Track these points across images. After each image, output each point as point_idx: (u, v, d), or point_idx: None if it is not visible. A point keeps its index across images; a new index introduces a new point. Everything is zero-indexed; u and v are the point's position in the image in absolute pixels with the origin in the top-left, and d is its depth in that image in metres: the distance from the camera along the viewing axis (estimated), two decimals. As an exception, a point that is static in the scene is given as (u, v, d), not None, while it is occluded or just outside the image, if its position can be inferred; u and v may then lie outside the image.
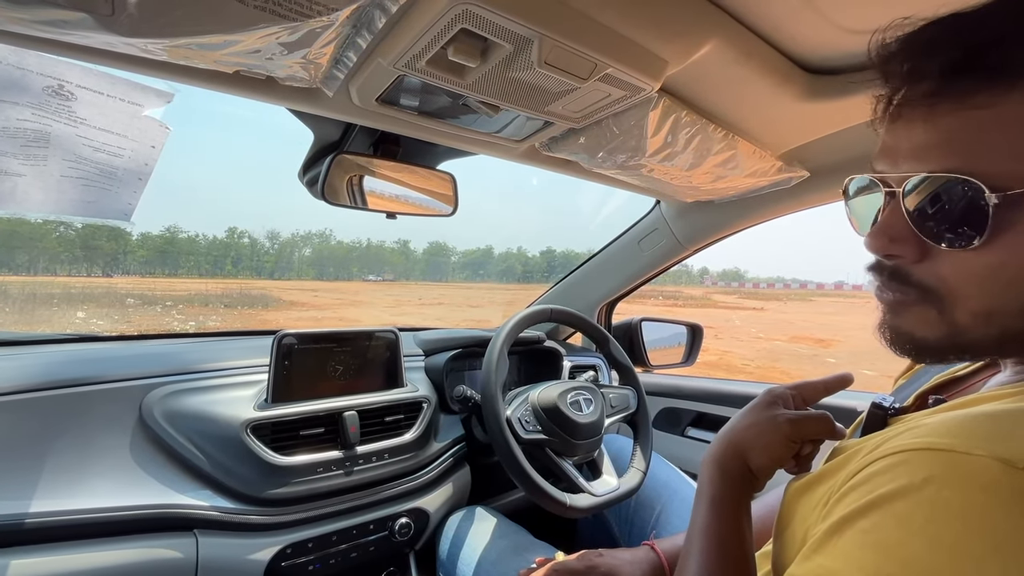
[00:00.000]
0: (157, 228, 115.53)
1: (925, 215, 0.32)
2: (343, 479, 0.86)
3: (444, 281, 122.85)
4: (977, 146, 0.30)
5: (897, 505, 0.26)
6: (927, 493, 0.26)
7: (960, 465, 0.26)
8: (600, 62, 0.56)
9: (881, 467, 0.29)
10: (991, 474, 0.25)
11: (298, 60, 0.53)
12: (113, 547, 0.69)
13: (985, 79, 0.29)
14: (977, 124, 0.30)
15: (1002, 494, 0.24)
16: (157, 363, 0.87)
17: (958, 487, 0.25)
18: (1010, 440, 0.26)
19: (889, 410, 0.41)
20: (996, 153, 0.29)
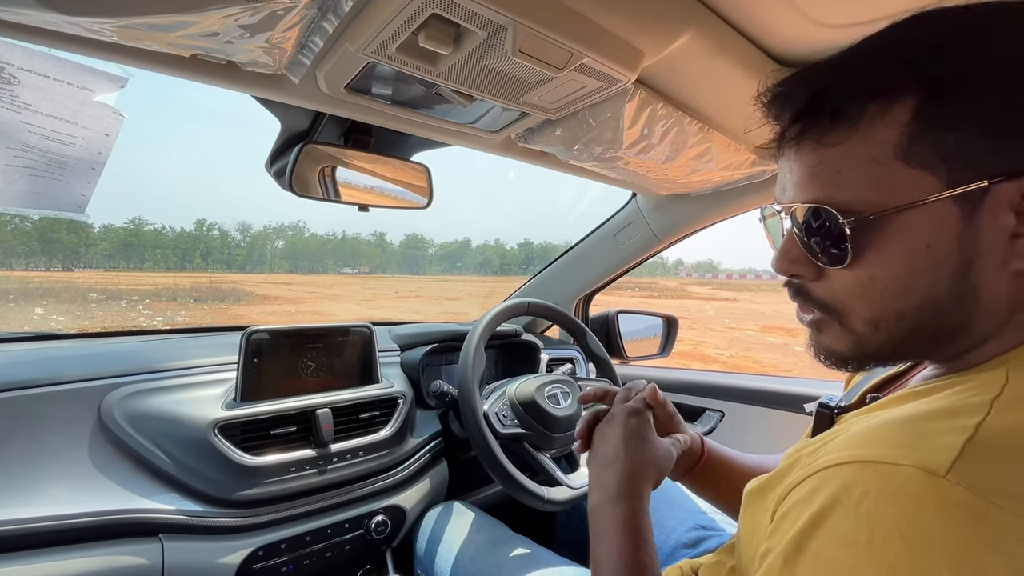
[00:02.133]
0: (121, 220, 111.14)
1: (809, 239, 0.36)
2: (316, 478, 0.84)
3: (421, 274, 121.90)
4: (833, 178, 0.34)
5: (840, 524, 0.28)
6: (864, 508, 0.27)
7: (888, 476, 0.27)
8: (576, 51, 0.55)
9: (818, 482, 0.31)
10: (917, 484, 0.26)
11: (260, 44, 0.50)
12: (72, 555, 0.66)
13: (829, 122, 0.34)
14: (831, 160, 0.34)
15: (930, 503, 0.26)
16: (117, 362, 0.84)
17: (890, 499, 0.27)
18: (927, 447, 0.28)
19: (835, 409, 0.44)
20: (849, 184, 0.34)
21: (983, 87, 0.30)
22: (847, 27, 0.61)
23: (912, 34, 0.33)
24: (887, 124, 0.32)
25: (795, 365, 9.07)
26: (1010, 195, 0.30)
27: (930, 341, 0.35)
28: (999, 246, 0.31)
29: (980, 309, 0.33)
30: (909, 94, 0.31)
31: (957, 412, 0.29)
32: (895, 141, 0.32)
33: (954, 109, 0.30)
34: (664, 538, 0.84)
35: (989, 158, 0.30)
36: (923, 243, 0.32)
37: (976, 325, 0.33)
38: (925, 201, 0.31)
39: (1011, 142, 0.30)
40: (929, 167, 0.31)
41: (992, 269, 0.32)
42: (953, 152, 0.31)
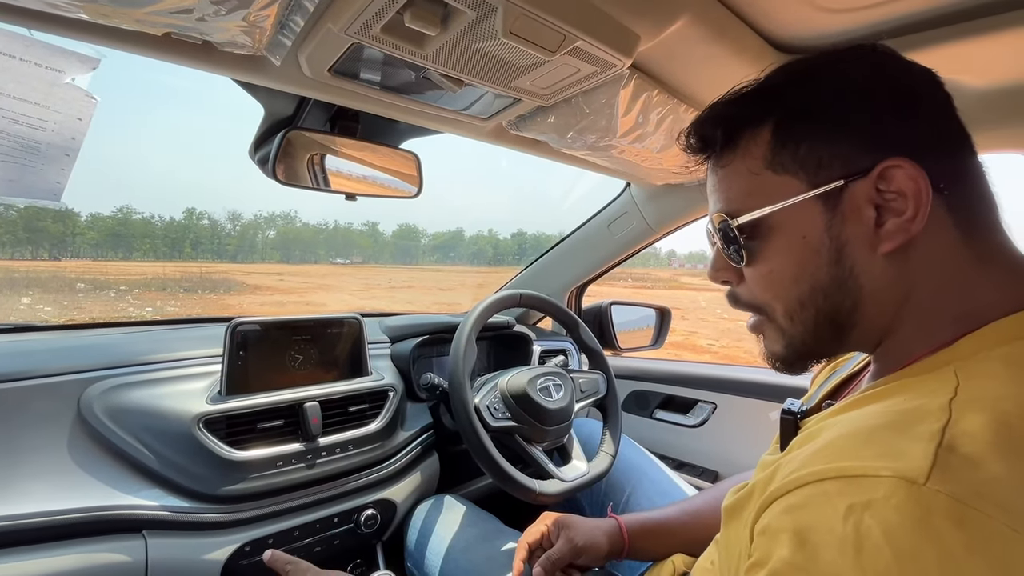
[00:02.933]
0: (108, 209, 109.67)
1: (723, 248, 0.44)
2: (305, 472, 0.82)
3: (414, 264, 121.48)
4: (727, 192, 0.43)
5: (828, 538, 0.28)
6: (851, 522, 0.28)
7: (871, 488, 0.28)
8: (569, 34, 0.53)
9: (799, 498, 0.31)
10: (899, 494, 0.27)
11: (237, 23, 0.47)
12: (52, 553, 0.64)
13: (721, 148, 0.43)
14: (724, 178, 0.43)
15: (914, 513, 0.26)
16: (98, 355, 0.81)
17: (875, 512, 0.27)
18: (903, 456, 0.28)
19: (798, 415, 0.47)
20: (737, 195, 0.42)
21: (818, 112, 0.38)
22: (847, 11, 0.60)
23: (770, 79, 0.42)
24: (757, 144, 0.40)
25: (786, 355, 9.11)
26: (866, 191, 0.36)
27: (834, 327, 0.40)
28: (866, 234, 0.37)
29: (863, 291, 0.38)
30: (769, 119, 0.40)
31: (921, 417, 0.30)
32: (764, 155, 0.40)
33: (797, 128, 0.39)
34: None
35: (838, 163, 0.37)
36: (800, 235, 0.39)
37: (867, 307, 0.38)
38: (794, 200, 0.38)
39: (852, 150, 0.37)
40: (792, 172, 0.39)
41: (863, 253, 0.37)
42: (806, 159, 0.38)
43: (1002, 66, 0.66)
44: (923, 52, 0.62)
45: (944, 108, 0.39)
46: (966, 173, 0.38)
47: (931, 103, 0.38)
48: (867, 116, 0.37)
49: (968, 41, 0.60)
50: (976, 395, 0.31)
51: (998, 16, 0.57)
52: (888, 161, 0.35)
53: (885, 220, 0.36)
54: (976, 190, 0.38)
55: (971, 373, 0.32)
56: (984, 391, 0.31)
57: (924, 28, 0.62)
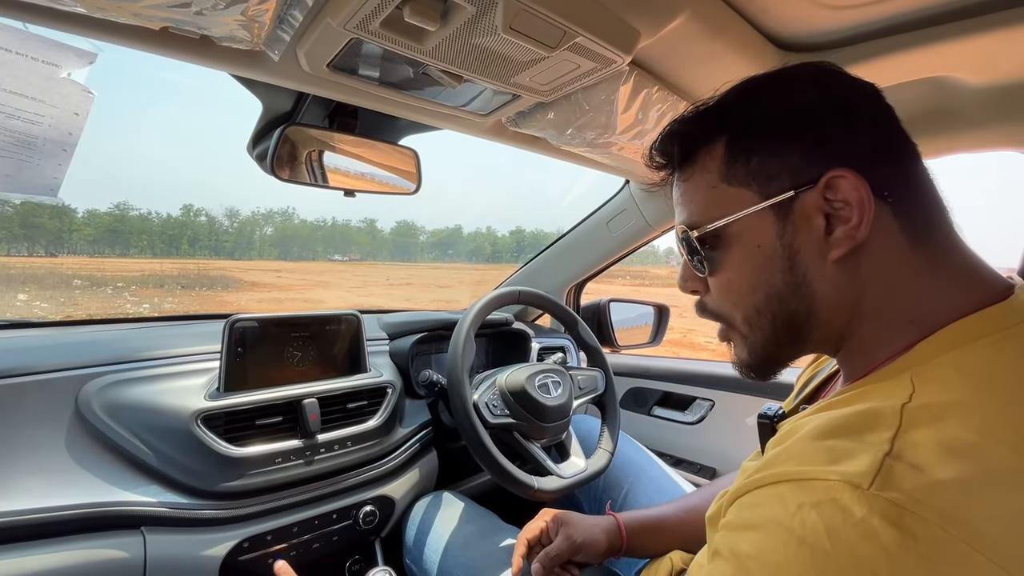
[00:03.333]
0: (105, 205, 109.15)
1: (688, 258, 0.46)
2: (303, 469, 0.82)
3: (412, 261, 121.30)
4: (688, 204, 0.44)
5: (777, 534, 0.31)
6: (799, 518, 0.30)
7: (819, 490, 0.30)
8: (569, 30, 0.52)
9: (758, 497, 0.34)
10: (845, 497, 0.29)
11: (236, 17, 0.47)
12: (50, 549, 0.64)
13: (680, 163, 0.45)
14: (685, 191, 0.45)
15: (855, 513, 0.28)
16: (96, 351, 0.81)
17: (821, 511, 0.29)
18: (852, 461, 0.30)
19: (774, 418, 0.49)
20: (697, 207, 0.43)
21: (768, 125, 0.40)
22: (846, 8, 0.60)
23: (724, 98, 0.44)
24: (712, 158, 0.42)
25: (783, 353, 9.13)
26: (814, 201, 0.38)
27: (792, 331, 0.41)
28: (816, 242, 0.38)
29: (816, 297, 0.39)
30: (723, 134, 0.42)
31: (874, 424, 0.32)
32: (718, 169, 0.42)
33: (748, 142, 0.41)
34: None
35: (787, 174, 0.39)
36: (755, 244, 0.41)
37: (821, 312, 0.40)
38: (748, 211, 0.40)
39: (800, 162, 0.39)
40: (745, 184, 0.40)
41: (815, 260, 0.39)
42: (758, 172, 0.40)
43: (1000, 63, 0.66)
44: (921, 49, 0.62)
45: (886, 120, 0.40)
46: (911, 180, 0.39)
47: (872, 116, 0.40)
48: (812, 130, 0.39)
49: (967, 38, 0.60)
50: (927, 401, 0.32)
51: (997, 14, 0.57)
52: (832, 172, 0.37)
53: (834, 228, 0.38)
54: (923, 196, 0.39)
55: (925, 379, 0.33)
56: (934, 398, 0.32)
57: (922, 25, 0.61)
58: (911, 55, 0.64)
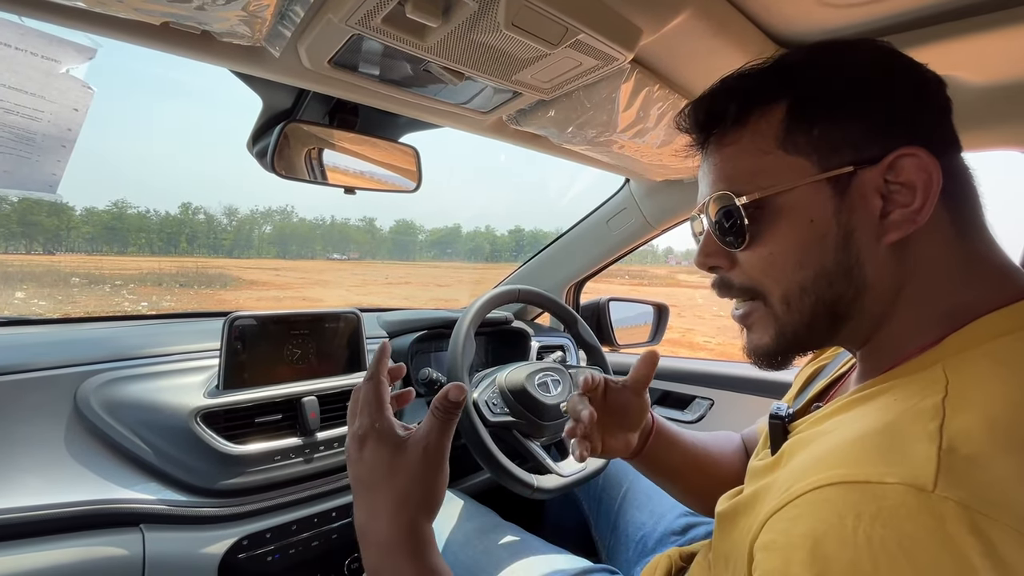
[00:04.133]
0: (103, 203, 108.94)
1: (718, 229, 0.42)
2: (303, 467, 0.82)
3: (411, 260, 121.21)
4: (732, 171, 0.41)
5: (840, 553, 0.27)
6: (862, 533, 0.27)
7: (880, 497, 0.27)
8: (571, 27, 0.52)
9: (803, 508, 0.30)
10: (910, 503, 0.27)
11: (236, 13, 0.47)
12: (48, 547, 0.64)
13: (727, 125, 0.41)
14: (729, 156, 0.42)
15: (927, 523, 0.26)
16: (95, 348, 0.81)
17: (886, 522, 0.26)
18: (906, 460, 0.28)
19: (785, 418, 0.46)
20: (744, 173, 0.40)
21: (836, 93, 0.38)
22: (848, 7, 0.60)
23: (789, 58, 0.41)
24: (769, 122, 0.39)
25: (781, 352, 9.14)
26: (874, 180, 0.36)
27: (832, 316, 0.39)
28: (872, 223, 0.37)
29: (867, 282, 0.38)
30: (784, 97, 0.39)
31: (915, 418, 0.30)
32: (775, 134, 0.39)
33: (816, 108, 0.38)
34: (653, 524, 0.84)
35: (848, 148, 0.37)
36: (807, 218, 0.38)
37: (866, 299, 0.38)
38: (804, 182, 0.38)
39: (865, 136, 0.37)
40: (804, 154, 0.38)
41: (869, 242, 0.37)
42: (819, 142, 0.37)
43: (1001, 63, 0.66)
44: (922, 48, 0.62)
45: (948, 109, 0.39)
46: (960, 173, 0.38)
47: (938, 102, 0.39)
48: (884, 103, 0.37)
49: (967, 38, 0.60)
50: (966, 394, 0.30)
51: (997, 13, 0.57)
52: (902, 150, 0.35)
53: (890, 210, 0.36)
54: (969, 190, 0.39)
55: (959, 372, 0.32)
56: (974, 390, 0.31)
57: (923, 24, 0.61)
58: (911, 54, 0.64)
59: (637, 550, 0.83)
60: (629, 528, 0.87)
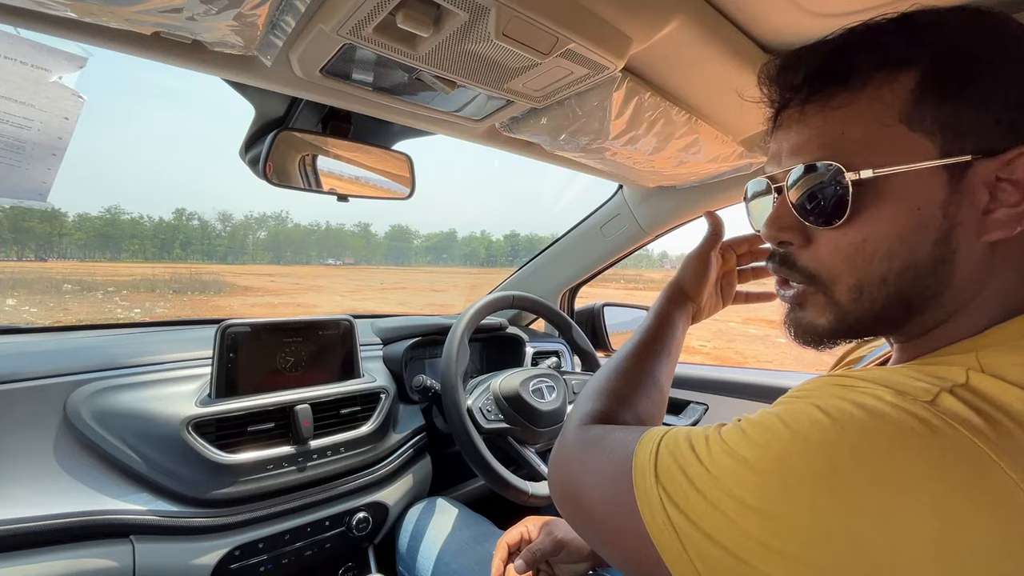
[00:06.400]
0: (96, 209, 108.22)
1: (803, 202, 0.38)
2: (296, 475, 0.82)
3: (407, 265, 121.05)
4: (839, 139, 0.36)
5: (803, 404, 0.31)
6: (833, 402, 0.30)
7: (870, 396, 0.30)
8: (562, 36, 0.53)
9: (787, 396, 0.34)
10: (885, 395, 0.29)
11: (228, 22, 0.47)
12: (37, 559, 0.63)
13: (839, 84, 0.36)
14: (837, 121, 0.36)
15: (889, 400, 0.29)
16: (84, 357, 0.80)
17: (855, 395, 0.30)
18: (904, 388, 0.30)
19: None
20: (853, 144, 0.35)
21: (975, 69, 0.33)
22: (838, 16, 0.60)
23: (922, 15, 0.36)
24: (894, 89, 0.34)
25: (777, 356, 9.23)
26: (987, 173, 0.33)
27: (905, 310, 0.36)
28: (975, 218, 0.34)
29: (954, 277, 0.35)
30: (916, 64, 0.34)
31: (933, 375, 0.31)
32: (900, 106, 0.34)
33: (952, 83, 0.33)
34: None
35: (973, 135, 0.33)
36: (915, 206, 0.34)
37: (948, 295, 0.35)
38: (922, 165, 0.33)
39: (993, 125, 0.33)
40: (928, 133, 0.34)
41: (969, 238, 0.34)
42: (948, 122, 0.33)
43: None
44: None
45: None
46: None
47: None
48: (1019, 88, 0.33)
49: None
50: (996, 372, 0.30)
51: None
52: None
53: (994, 208, 0.33)
54: None
55: (993, 358, 0.31)
56: (1004, 371, 0.30)
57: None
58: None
59: (632, 556, 0.83)
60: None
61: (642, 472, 0.35)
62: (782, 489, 0.28)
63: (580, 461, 0.43)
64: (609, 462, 0.39)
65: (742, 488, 0.29)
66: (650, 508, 0.33)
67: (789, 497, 0.28)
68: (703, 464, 0.32)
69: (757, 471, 0.29)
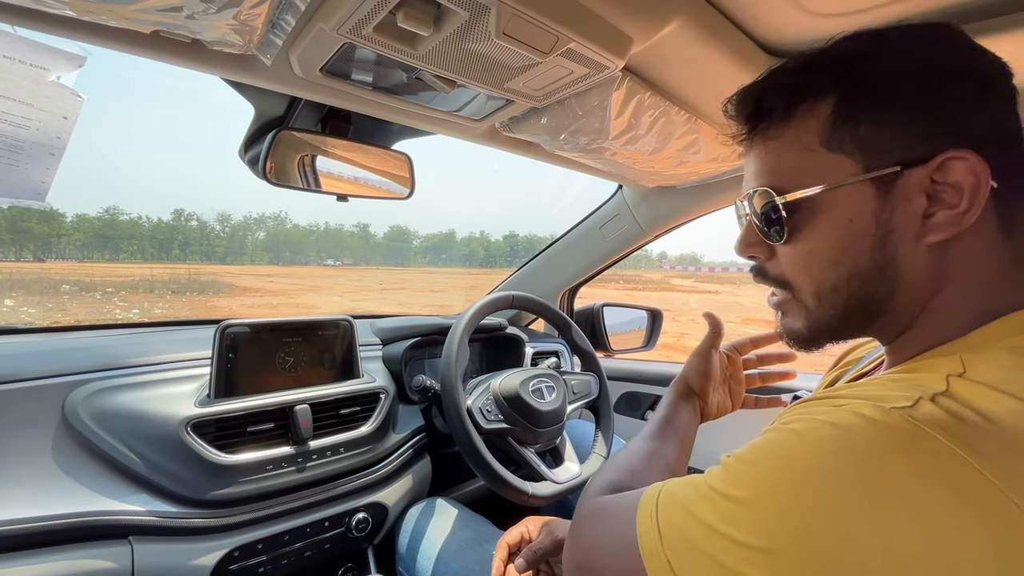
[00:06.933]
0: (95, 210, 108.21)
1: (759, 222, 0.43)
2: (295, 476, 0.81)
3: (406, 266, 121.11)
4: (776, 166, 0.41)
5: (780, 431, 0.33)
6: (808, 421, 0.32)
7: (853, 412, 0.31)
8: (562, 35, 0.53)
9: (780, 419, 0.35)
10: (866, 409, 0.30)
11: (227, 21, 0.47)
12: (36, 560, 0.63)
13: (772, 119, 0.41)
14: (774, 150, 0.41)
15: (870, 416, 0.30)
16: (83, 358, 0.80)
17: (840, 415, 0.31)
18: (885, 398, 0.31)
19: None
20: (787, 169, 0.40)
21: (885, 91, 0.37)
22: (838, 16, 0.60)
23: (834, 49, 0.40)
24: (815, 118, 0.39)
25: (775, 356, 9.18)
26: (921, 179, 0.36)
27: (865, 312, 0.40)
28: (913, 223, 0.36)
29: (901, 280, 0.37)
30: (831, 94, 0.38)
31: (915, 384, 0.32)
32: (820, 132, 0.38)
33: (863, 105, 0.37)
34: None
35: (897, 148, 0.36)
36: (847, 218, 0.38)
37: (901, 296, 0.38)
38: (846, 182, 0.37)
39: (914, 135, 0.36)
40: (848, 153, 0.37)
41: (908, 242, 0.37)
42: (865, 140, 0.37)
43: None
44: None
45: (1010, 100, 0.37)
46: (1016, 169, 0.36)
47: (999, 94, 0.36)
48: (934, 100, 0.35)
49: None
50: (978, 378, 0.31)
51: (992, 20, 0.57)
52: (951, 152, 0.34)
53: (934, 211, 0.35)
54: (1021, 188, 0.36)
55: (977, 360, 0.32)
56: (987, 375, 0.31)
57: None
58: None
59: (632, 557, 0.83)
60: (624, 535, 0.87)
61: (646, 536, 0.36)
62: (780, 523, 0.29)
63: (589, 531, 0.45)
64: (614, 528, 0.41)
65: (743, 531, 0.30)
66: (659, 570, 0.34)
67: (789, 531, 0.28)
68: (700, 520, 0.33)
69: (754, 509, 0.30)
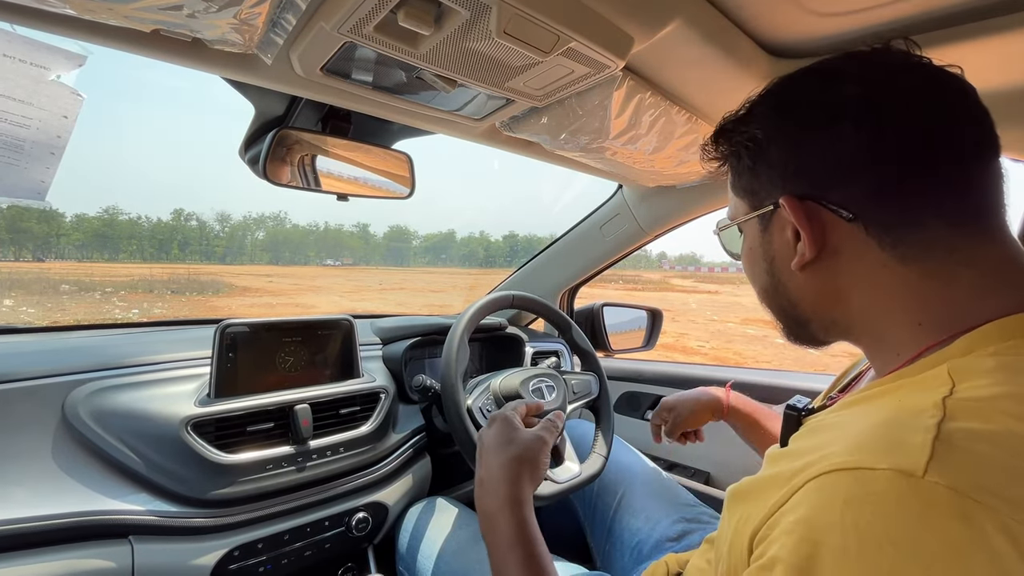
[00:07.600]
0: (94, 210, 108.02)
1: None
2: (295, 475, 0.81)
3: (406, 266, 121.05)
4: (732, 197, 0.49)
5: (829, 538, 0.28)
6: (849, 517, 0.28)
7: (869, 482, 0.28)
8: (563, 35, 0.53)
9: (801, 497, 0.31)
10: (899, 487, 0.27)
11: (228, 20, 0.47)
12: (36, 559, 0.63)
13: (726, 158, 0.48)
14: (731, 184, 0.49)
15: (913, 506, 0.26)
16: (83, 357, 0.80)
17: (873, 505, 0.27)
18: (899, 449, 0.29)
19: (802, 411, 0.49)
20: (737, 198, 0.48)
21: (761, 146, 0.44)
22: (837, 15, 0.60)
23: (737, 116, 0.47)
24: (729, 166, 0.48)
25: (775, 356, 9.24)
26: (784, 217, 0.42)
27: (792, 320, 0.47)
28: (787, 251, 0.43)
29: (793, 297, 0.45)
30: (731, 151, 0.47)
31: (917, 413, 0.31)
32: (730, 179, 0.48)
33: (741, 162, 0.46)
34: (649, 531, 0.84)
35: (765, 193, 0.44)
36: (749, 245, 0.48)
37: (804, 308, 0.45)
38: (742, 219, 0.47)
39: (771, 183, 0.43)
40: (740, 196, 0.47)
41: (785, 267, 0.44)
42: (747, 187, 0.46)
43: (994, 71, 0.66)
44: None
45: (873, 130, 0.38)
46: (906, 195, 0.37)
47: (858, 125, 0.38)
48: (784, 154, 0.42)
49: (959, 46, 0.61)
50: (970, 394, 0.31)
51: (990, 20, 0.57)
52: (782, 197, 0.42)
53: (797, 242, 0.42)
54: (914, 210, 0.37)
55: (965, 372, 0.33)
56: (978, 390, 0.31)
57: (913, 33, 0.62)
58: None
59: (632, 556, 0.83)
60: (624, 534, 0.87)
61: None
62: None
63: None
64: None
65: None
66: None
67: None
68: None
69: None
